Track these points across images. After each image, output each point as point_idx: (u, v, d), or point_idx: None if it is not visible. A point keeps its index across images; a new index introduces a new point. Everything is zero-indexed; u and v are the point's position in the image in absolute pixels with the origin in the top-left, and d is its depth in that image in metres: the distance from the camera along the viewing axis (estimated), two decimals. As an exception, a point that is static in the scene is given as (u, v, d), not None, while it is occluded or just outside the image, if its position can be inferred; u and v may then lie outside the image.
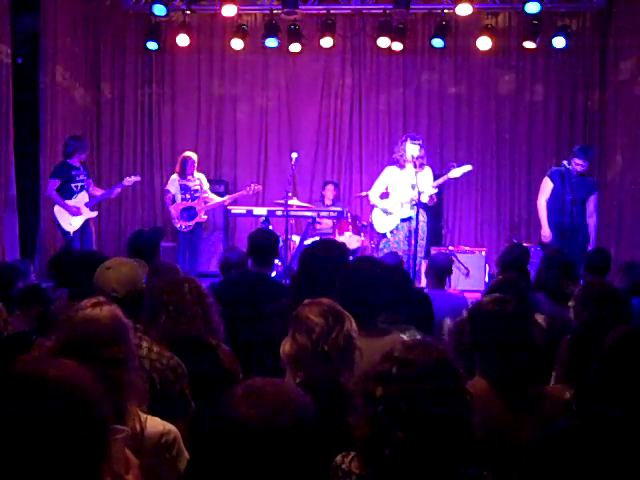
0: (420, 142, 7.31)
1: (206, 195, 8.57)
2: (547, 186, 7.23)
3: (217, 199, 8.65)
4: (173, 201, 8.51)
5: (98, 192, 8.22)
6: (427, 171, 7.39)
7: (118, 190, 8.36)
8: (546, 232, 7.15)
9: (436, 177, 7.44)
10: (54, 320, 2.42)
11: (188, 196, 8.49)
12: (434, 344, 1.83)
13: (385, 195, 7.51)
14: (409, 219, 7.19)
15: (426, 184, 7.20)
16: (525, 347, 2.46)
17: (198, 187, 8.54)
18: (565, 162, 7.09)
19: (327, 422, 2.32)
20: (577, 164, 6.98)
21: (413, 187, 6.95)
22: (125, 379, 2.19)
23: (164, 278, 3.46)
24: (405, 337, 3.09)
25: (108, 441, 1.54)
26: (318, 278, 3.41)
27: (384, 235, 7.48)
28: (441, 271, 5.12)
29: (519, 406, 2.39)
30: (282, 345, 2.50)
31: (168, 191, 8.58)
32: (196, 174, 8.58)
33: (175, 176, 8.58)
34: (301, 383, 2.49)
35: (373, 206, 7.65)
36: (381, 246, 7.52)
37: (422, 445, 1.67)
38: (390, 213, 7.35)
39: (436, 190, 7.36)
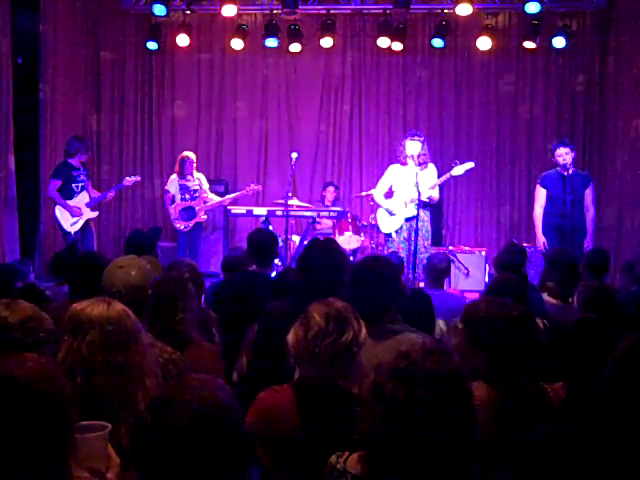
0: (421, 139, 7.23)
1: (206, 195, 8.57)
2: (540, 194, 7.12)
3: (217, 199, 8.64)
4: (172, 201, 8.51)
5: (96, 193, 8.20)
6: (431, 169, 7.32)
7: (119, 189, 8.34)
8: (540, 241, 7.10)
9: (439, 175, 7.38)
10: (54, 319, 2.41)
11: (187, 196, 8.48)
12: (451, 354, 1.79)
13: (389, 194, 7.45)
14: (413, 218, 7.08)
15: (427, 182, 7.11)
16: (517, 348, 2.45)
17: (197, 187, 8.53)
18: (558, 163, 6.90)
19: (322, 424, 2.33)
20: (560, 154, 6.79)
21: (416, 186, 6.87)
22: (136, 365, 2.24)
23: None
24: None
25: (70, 434, 1.55)
26: (317, 279, 3.37)
27: (389, 235, 7.42)
28: (438, 272, 5.12)
29: (516, 405, 2.38)
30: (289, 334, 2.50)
31: (167, 191, 8.58)
32: (195, 174, 8.58)
33: (174, 176, 8.58)
34: (298, 380, 2.49)
35: (377, 206, 7.60)
36: (387, 245, 7.48)
37: (425, 450, 1.65)
38: (394, 214, 7.29)
39: (432, 191, 7.22)
